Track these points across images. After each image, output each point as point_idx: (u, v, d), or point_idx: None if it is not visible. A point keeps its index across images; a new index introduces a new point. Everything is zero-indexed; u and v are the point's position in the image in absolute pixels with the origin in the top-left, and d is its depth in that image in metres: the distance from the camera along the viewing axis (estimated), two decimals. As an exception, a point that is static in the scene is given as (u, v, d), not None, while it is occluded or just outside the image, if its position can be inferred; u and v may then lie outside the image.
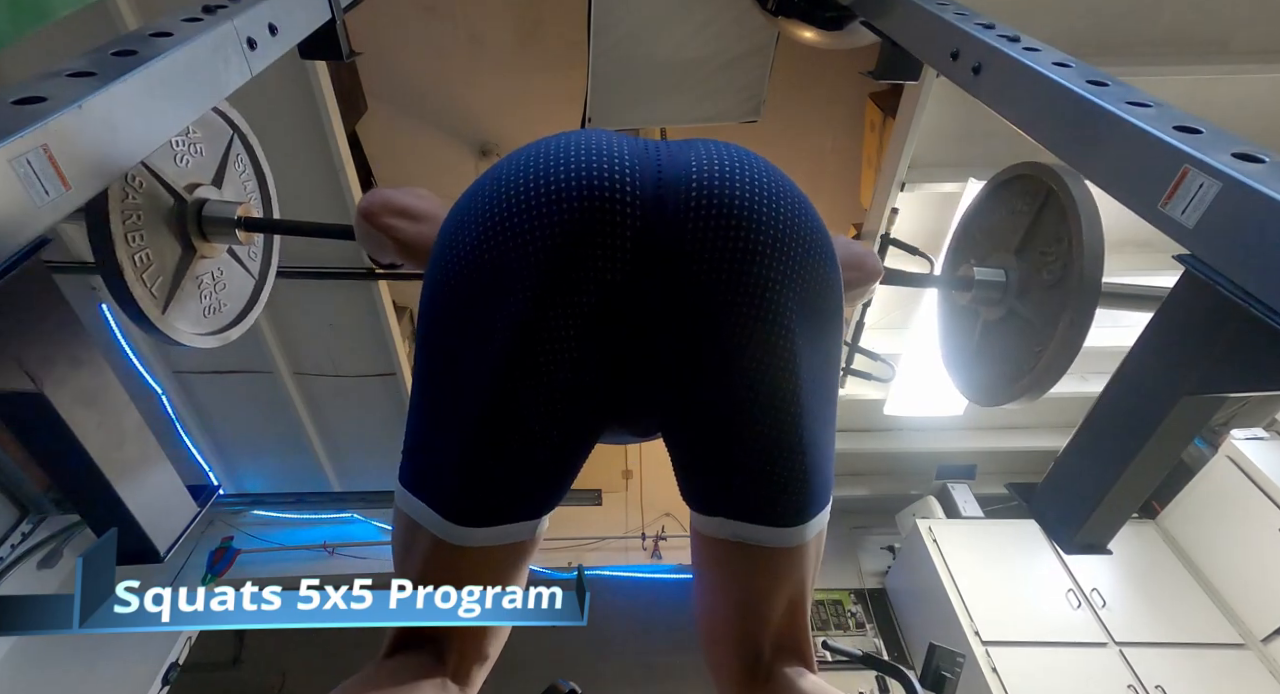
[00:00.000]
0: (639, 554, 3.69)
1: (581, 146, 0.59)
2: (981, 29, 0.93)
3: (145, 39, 0.72)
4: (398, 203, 0.92)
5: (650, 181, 0.58)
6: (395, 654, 0.67)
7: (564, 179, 0.56)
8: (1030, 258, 1.25)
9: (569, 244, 0.56)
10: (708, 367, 0.60)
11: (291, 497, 3.68)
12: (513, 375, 0.58)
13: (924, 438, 3.32)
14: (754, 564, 0.67)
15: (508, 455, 0.61)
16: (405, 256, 0.95)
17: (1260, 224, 0.54)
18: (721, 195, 0.57)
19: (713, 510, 0.68)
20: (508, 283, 0.57)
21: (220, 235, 1.23)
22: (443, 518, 0.63)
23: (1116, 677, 2.52)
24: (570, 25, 2.70)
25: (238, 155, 1.34)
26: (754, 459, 0.62)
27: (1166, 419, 0.72)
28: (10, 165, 0.52)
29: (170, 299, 1.17)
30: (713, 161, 0.59)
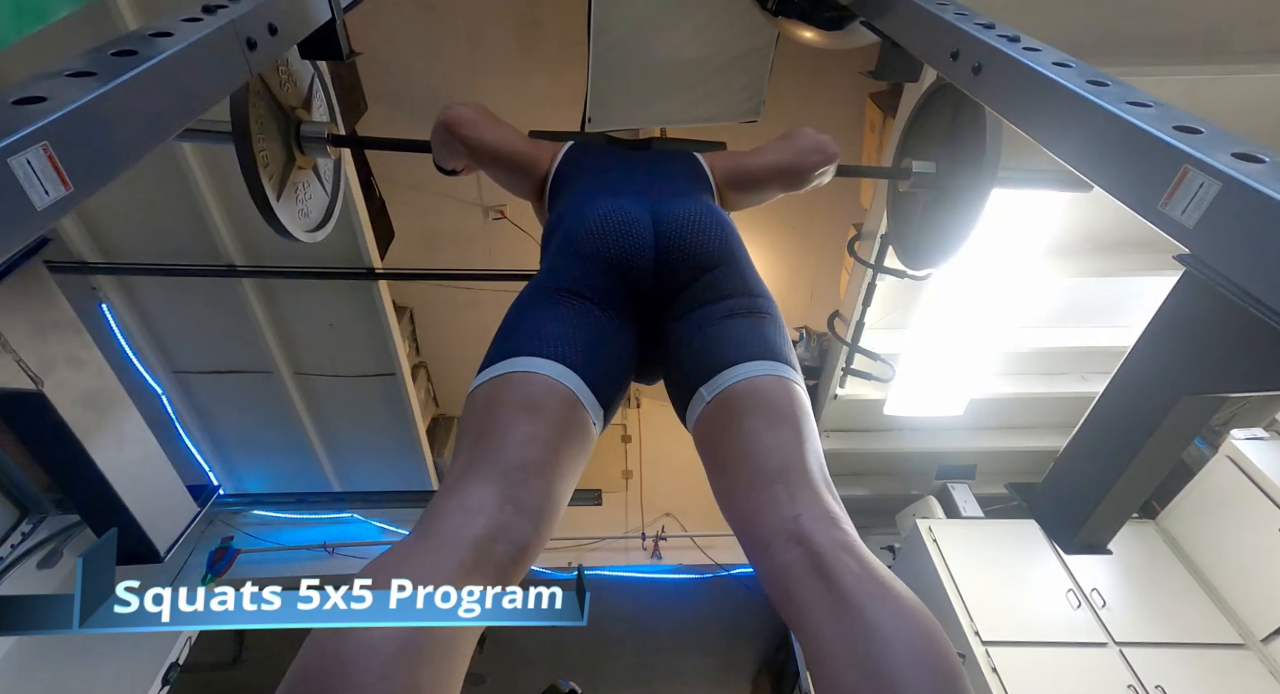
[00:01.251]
0: (639, 554, 3.69)
1: (627, 219, 0.99)
2: (981, 29, 0.93)
3: (145, 39, 0.72)
4: (470, 116, 1.21)
5: (653, 232, 0.99)
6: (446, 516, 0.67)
7: (624, 238, 0.98)
8: (953, 150, 1.56)
9: (627, 265, 0.98)
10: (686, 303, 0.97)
11: (291, 497, 3.68)
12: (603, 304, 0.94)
13: (924, 438, 3.33)
14: (743, 407, 0.82)
15: (601, 329, 0.91)
16: (473, 159, 1.25)
17: (1260, 224, 0.54)
18: (678, 234, 1.00)
19: (694, 389, 0.87)
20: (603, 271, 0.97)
21: (313, 149, 1.46)
22: (551, 361, 0.82)
23: (1116, 677, 2.52)
24: (570, 25, 2.70)
25: (318, 91, 1.58)
26: (713, 330, 0.92)
27: (1166, 419, 0.72)
28: (10, 165, 0.52)
29: (280, 194, 1.40)
30: (674, 217, 1.00)
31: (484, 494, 0.68)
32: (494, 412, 0.78)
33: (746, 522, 0.73)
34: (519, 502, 0.69)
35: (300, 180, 1.51)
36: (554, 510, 0.74)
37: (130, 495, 0.95)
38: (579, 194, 1.10)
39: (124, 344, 2.82)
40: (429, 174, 1.39)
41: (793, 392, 0.84)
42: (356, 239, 2.60)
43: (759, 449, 0.76)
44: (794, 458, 0.75)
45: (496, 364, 0.83)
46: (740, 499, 0.75)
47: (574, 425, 0.80)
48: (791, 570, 0.64)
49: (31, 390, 0.77)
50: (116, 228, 2.52)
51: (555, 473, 0.75)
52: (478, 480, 0.70)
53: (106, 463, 0.90)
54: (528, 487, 0.71)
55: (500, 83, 2.97)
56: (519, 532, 0.68)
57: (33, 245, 0.65)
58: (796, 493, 0.71)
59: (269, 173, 1.35)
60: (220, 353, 3.00)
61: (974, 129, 1.47)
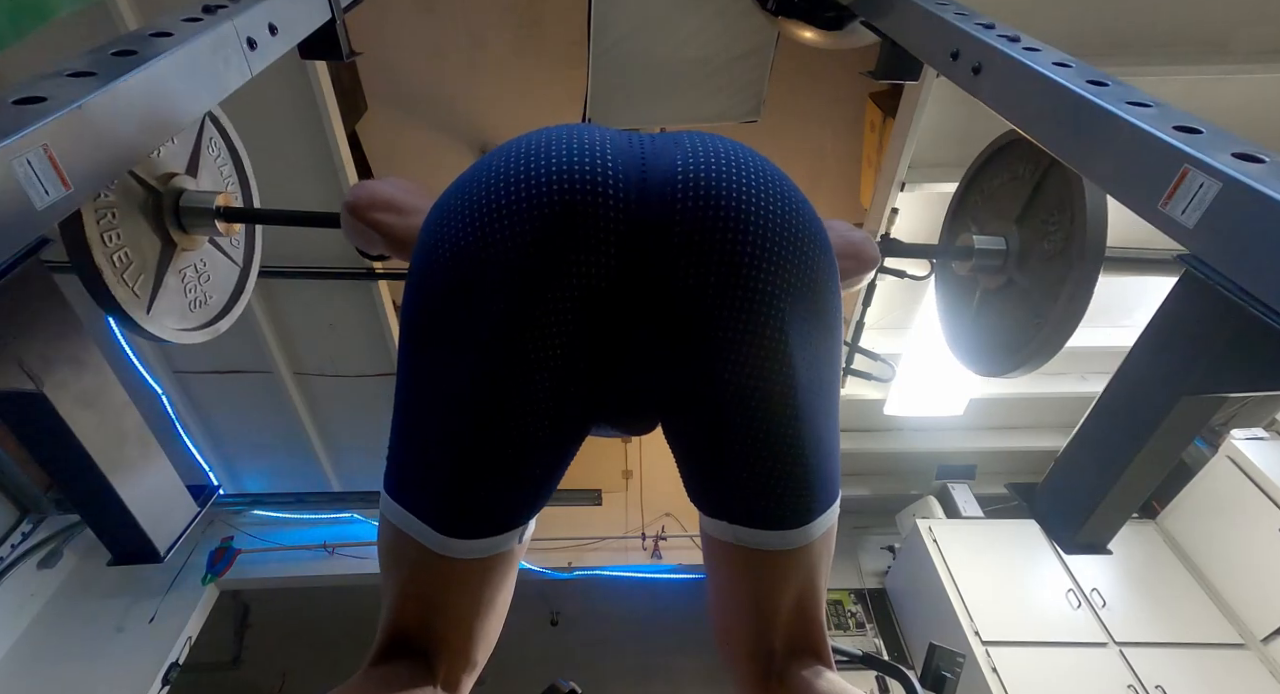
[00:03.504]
0: (639, 554, 3.69)
1: (563, 141, 0.57)
2: (981, 29, 0.93)
3: (145, 39, 0.72)
4: (383, 196, 0.92)
5: (634, 177, 0.56)
6: (382, 662, 0.66)
7: (543, 176, 0.54)
8: (1031, 226, 1.23)
9: (549, 243, 0.54)
10: (697, 364, 0.58)
11: (291, 497, 3.68)
12: (499, 375, 0.56)
13: (924, 438, 3.32)
14: (760, 566, 0.67)
15: (497, 458, 0.59)
16: (393, 250, 0.94)
17: (1260, 224, 0.54)
18: (709, 191, 0.55)
19: (716, 513, 0.67)
20: (491, 282, 0.55)
21: (200, 227, 1.17)
22: (431, 529, 0.62)
23: (1116, 677, 2.52)
24: (570, 25, 2.70)
25: (211, 139, 1.27)
26: (750, 458, 0.61)
27: (1166, 419, 0.72)
28: (10, 165, 0.52)
29: (154, 297, 1.12)
30: (700, 155, 0.57)
31: (417, 647, 0.67)
32: (400, 574, 0.66)
33: (734, 659, 0.73)
34: (454, 658, 0.68)
35: (189, 263, 1.21)
36: (489, 642, 0.73)
37: (130, 495, 0.95)
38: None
39: (124, 344, 2.82)
40: (430, 177, 1.38)
41: (822, 545, 0.67)
42: (356, 239, 2.60)
43: (761, 603, 0.69)
44: (795, 610, 0.69)
45: (403, 510, 0.63)
46: (729, 636, 0.73)
47: (502, 570, 0.68)
48: None
49: (31, 390, 0.76)
50: (116, 228, 2.52)
51: (485, 621, 0.70)
52: (410, 632, 0.67)
53: (106, 463, 0.90)
54: (458, 645, 0.68)
55: (500, 83, 2.97)
56: (455, 679, 0.69)
57: (33, 245, 0.65)
58: (789, 642, 0.70)
59: (132, 274, 1.06)
60: (220, 353, 3.00)
61: (1065, 196, 1.12)
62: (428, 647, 0.67)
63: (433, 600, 0.67)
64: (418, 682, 0.64)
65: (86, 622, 3.23)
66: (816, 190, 3.63)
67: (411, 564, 0.65)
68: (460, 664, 0.69)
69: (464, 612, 0.67)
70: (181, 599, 3.32)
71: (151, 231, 1.11)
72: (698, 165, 0.57)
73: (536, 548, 3.65)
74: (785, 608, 0.69)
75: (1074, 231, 1.08)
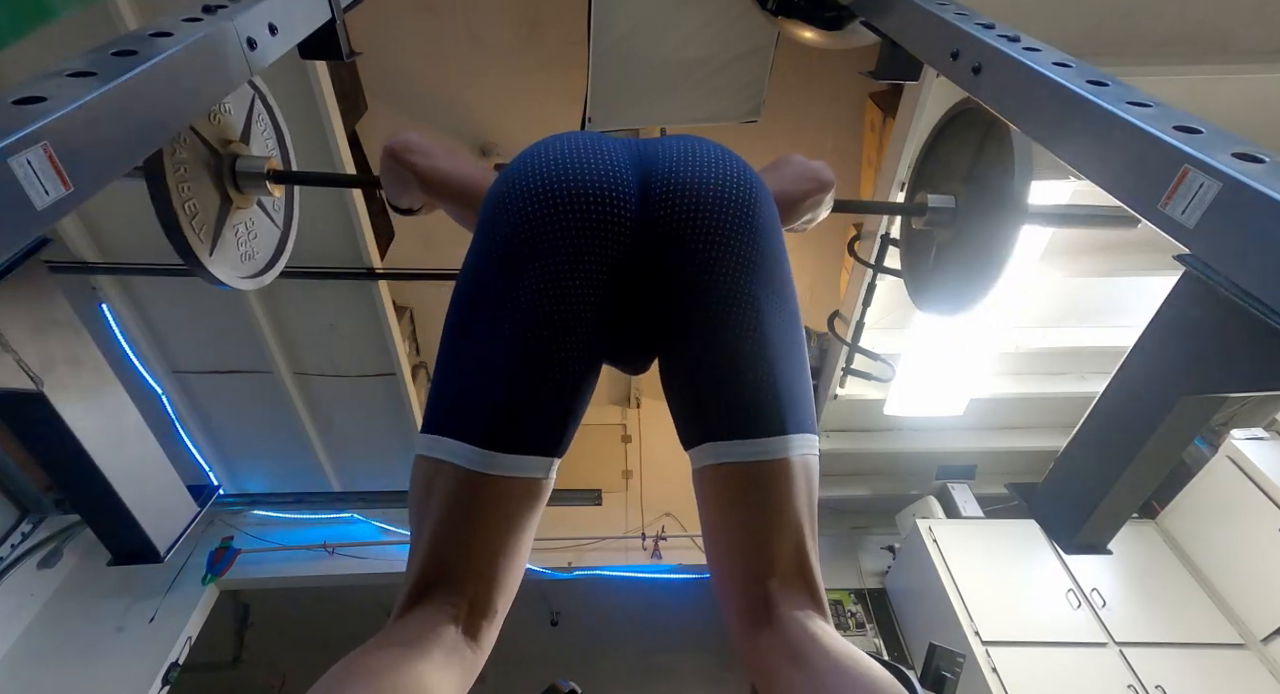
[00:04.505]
0: (639, 554, 3.69)
1: (591, 152, 0.78)
2: (981, 29, 0.93)
3: (145, 39, 0.72)
4: (415, 143, 1.11)
5: (637, 180, 0.78)
6: (406, 614, 0.69)
7: (582, 182, 0.76)
8: (975, 184, 1.41)
9: (588, 231, 0.75)
10: (683, 305, 0.77)
11: (291, 497, 3.68)
12: (545, 315, 0.74)
13: (924, 438, 3.32)
14: (742, 488, 0.74)
15: (534, 377, 0.73)
16: (423, 188, 1.12)
17: (1260, 224, 0.54)
18: (680, 184, 0.77)
19: (701, 439, 0.76)
20: (545, 252, 0.75)
21: (252, 187, 1.33)
22: (471, 445, 0.71)
23: (1116, 677, 2.52)
24: (570, 25, 2.70)
25: (260, 115, 1.45)
26: (727, 371, 0.75)
27: (1166, 419, 0.72)
28: (10, 165, 0.52)
29: (215, 245, 1.28)
30: (674, 164, 0.79)
31: (443, 595, 0.70)
32: (433, 507, 0.73)
33: (729, 601, 0.74)
34: (474, 601, 0.71)
35: (241, 221, 1.38)
36: (509, 592, 0.76)
37: (130, 495, 0.95)
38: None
39: (124, 344, 2.82)
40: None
41: (812, 470, 0.76)
42: (356, 239, 2.60)
43: (750, 537, 0.74)
44: (785, 548, 0.73)
45: (436, 437, 0.73)
46: (724, 578, 0.75)
47: (527, 503, 0.75)
48: (772, 655, 0.67)
49: (31, 390, 0.76)
50: (116, 228, 2.52)
51: (509, 563, 0.75)
52: (435, 579, 0.71)
53: (106, 463, 0.90)
54: (481, 588, 0.72)
55: (500, 83, 2.97)
56: (476, 627, 0.71)
57: (33, 245, 0.65)
58: (783, 592, 0.71)
59: (199, 224, 1.23)
60: (220, 353, 3.00)
61: (999, 158, 1.31)
62: (452, 592, 0.70)
63: (462, 533, 0.72)
64: (440, 631, 0.67)
65: (86, 622, 3.22)
66: (816, 190, 3.63)
67: (446, 495, 0.72)
68: (482, 608, 0.72)
69: (491, 546, 0.73)
70: (181, 599, 3.32)
71: (214, 189, 1.28)
72: (671, 166, 0.79)
73: (537, 548, 3.64)
74: (775, 541, 0.73)
75: (1008, 185, 1.26)
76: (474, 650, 0.71)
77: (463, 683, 0.68)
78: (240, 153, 1.32)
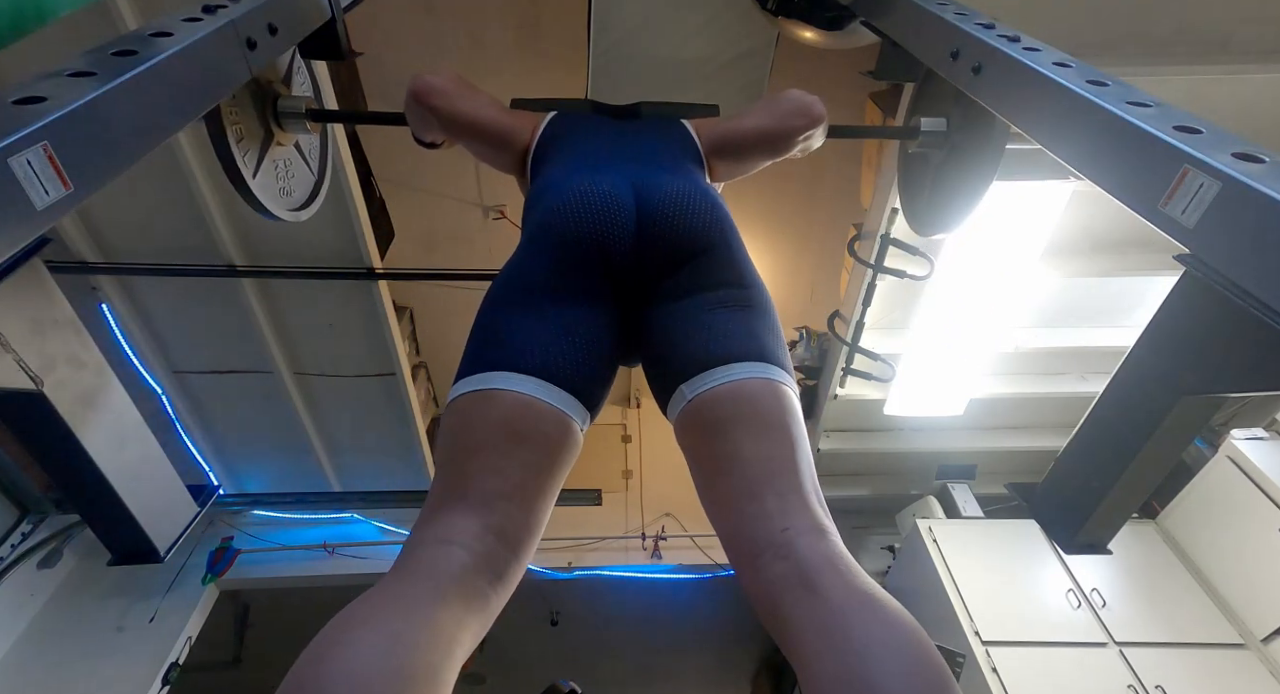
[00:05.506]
0: (639, 554, 3.68)
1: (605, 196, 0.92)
2: (981, 29, 0.93)
3: (145, 39, 0.72)
4: (438, 86, 1.16)
5: (634, 210, 0.92)
6: (428, 528, 0.68)
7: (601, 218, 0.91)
8: (964, 106, 1.47)
9: (606, 245, 0.90)
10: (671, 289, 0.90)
11: (291, 497, 3.68)
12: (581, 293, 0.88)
13: (924, 438, 3.32)
14: (720, 415, 0.77)
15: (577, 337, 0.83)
16: (444, 128, 1.18)
17: (1260, 224, 0.54)
18: (663, 213, 0.92)
19: (675, 383, 0.82)
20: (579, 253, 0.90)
21: (292, 124, 1.41)
22: (526, 374, 0.78)
23: (1116, 677, 2.52)
24: (570, 25, 2.70)
25: (300, 66, 1.55)
26: (686, 326, 0.86)
27: (1166, 419, 0.72)
28: (10, 165, 0.52)
29: (257, 171, 1.35)
30: (660, 194, 0.93)
31: (464, 525, 0.68)
32: (474, 433, 0.75)
33: (733, 533, 0.71)
34: (500, 531, 0.69)
35: (281, 157, 1.47)
36: (535, 534, 0.75)
37: (130, 495, 0.95)
38: (557, 168, 1.04)
39: (124, 344, 2.82)
40: (429, 174, 1.39)
41: (782, 395, 0.79)
42: (356, 239, 2.60)
43: (745, 458, 0.73)
44: (782, 468, 0.72)
45: (476, 375, 0.79)
46: (726, 510, 0.73)
47: (558, 442, 0.78)
48: (778, 585, 0.63)
49: (31, 390, 0.77)
50: (116, 228, 2.52)
51: (538, 496, 0.75)
52: (457, 509, 0.69)
53: (106, 463, 0.90)
54: (509, 516, 0.71)
55: (500, 83, 2.96)
56: (500, 561, 0.69)
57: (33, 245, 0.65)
58: (785, 505, 0.69)
59: (243, 148, 1.31)
60: (220, 353, 3.00)
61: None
62: (484, 509, 0.70)
63: (506, 450, 0.74)
64: (460, 556, 0.65)
65: (86, 622, 3.22)
66: (817, 190, 3.63)
67: (493, 418, 0.76)
68: (510, 540, 0.70)
69: (530, 468, 0.74)
70: (181, 599, 3.32)
71: (257, 120, 1.35)
72: (654, 199, 0.93)
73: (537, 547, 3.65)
74: (771, 464, 0.72)
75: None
76: (495, 588, 0.67)
77: (482, 626, 0.65)
78: (281, 92, 1.42)
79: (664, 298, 0.90)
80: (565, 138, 1.13)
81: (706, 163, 1.14)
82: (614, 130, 1.16)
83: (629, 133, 1.15)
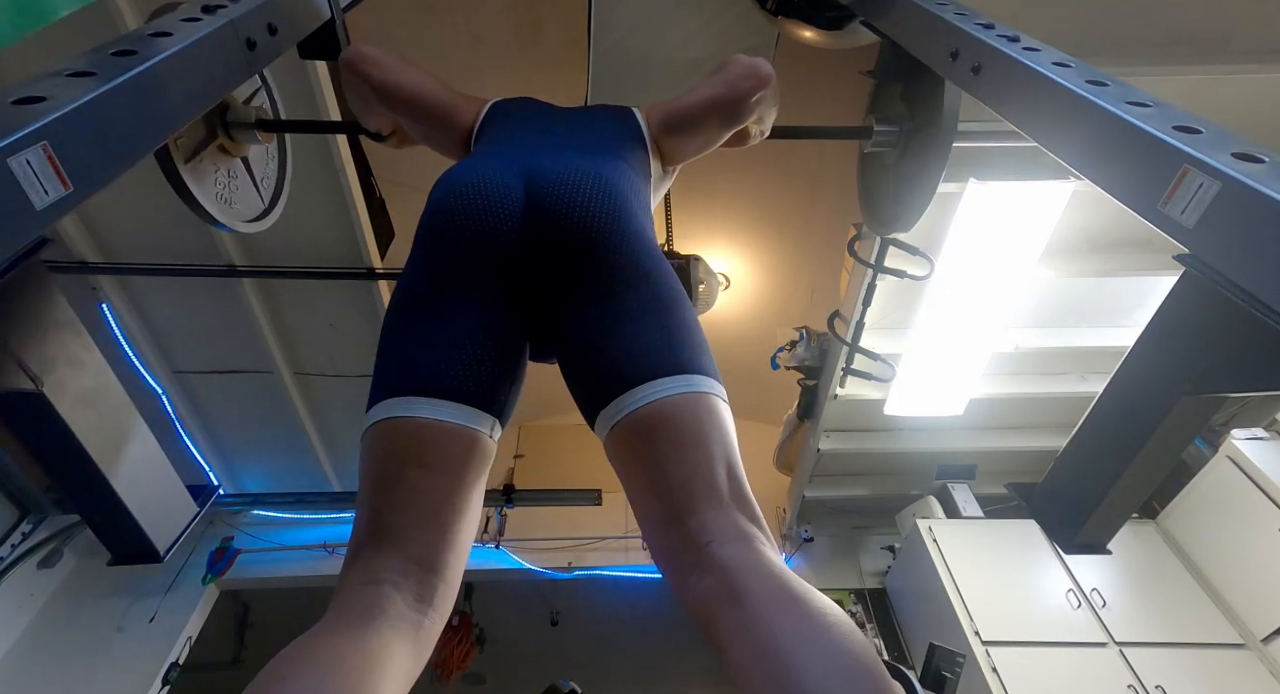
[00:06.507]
0: (639, 554, 3.69)
1: (485, 185, 0.86)
2: (981, 29, 0.93)
3: (145, 39, 0.72)
4: (373, 55, 1.11)
5: (522, 199, 0.86)
6: (347, 581, 0.69)
7: (480, 209, 0.85)
8: (914, 106, 1.56)
9: (490, 240, 0.85)
10: (577, 293, 0.85)
11: (291, 496, 3.68)
12: (468, 295, 0.84)
13: (924, 438, 3.32)
14: (637, 439, 0.76)
15: (449, 336, 0.81)
16: (384, 105, 1.12)
17: (1260, 224, 0.54)
18: (549, 198, 0.86)
19: (602, 402, 0.79)
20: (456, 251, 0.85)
21: (241, 132, 1.41)
22: (417, 396, 0.76)
23: (1116, 677, 2.52)
24: (570, 25, 2.70)
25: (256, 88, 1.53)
26: (589, 346, 0.82)
27: (1166, 419, 0.72)
28: (10, 165, 0.52)
29: (189, 161, 1.32)
30: (550, 177, 0.87)
31: (385, 563, 0.69)
32: (379, 467, 0.75)
33: (661, 555, 0.73)
34: (421, 560, 0.71)
35: (223, 166, 1.45)
36: (460, 551, 0.76)
37: (130, 495, 0.95)
38: (472, 154, 1.00)
39: (124, 344, 2.82)
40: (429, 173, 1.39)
41: (698, 407, 0.77)
42: (356, 239, 2.60)
43: (666, 481, 0.73)
44: (701, 483, 0.72)
45: (378, 404, 0.78)
46: (652, 531, 0.74)
47: (463, 458, 0.77)
48: (706, 599, 0.64)
49: (31, 390, 0.77)
50: (116, 228, 2.52)
51: (453, 516, 0.75)
52: (378, 548, 0.71)
53: (106, 463, 0.90)
54: (427, 543, 0.72)
55: (500, 82, 2.97)
56: (426, 586, 0.70)
57: (33, 245, 0.65)
58: (705, 520, 0.69)
59: (182, 145, 1.30)
60: (220, 353, 3.00)
61: (933, 85, 1.45)
62: (396, 545, 0.70)
63: (406, 480, 0.73)
64: (385, 592, 0.67)
65: (86, 622, 3.22)
66: (817, 189, 3.63)
67: (387, 450, 0.75)
68: (431, 563, 0.71)
69: (437, 493, 0.74)
70: (181, 599, 3.32)
71: (201, 122, 1.35)
72: (547, 182, 0.87)
73: (536, 548, 3.65)
74: (686, 480, 0.72)
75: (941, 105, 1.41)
76: (426, 614, 0.69)
77: (419, 650, 0.67)
78: (232, 103, 1.40)
79: (570, 304, 0.85)
80: (497, 123, 1.10)
81: (656, 145, 1.10)
82: (551, 117, 1.12)
83: (566, 120, 1.10)
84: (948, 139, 1.42)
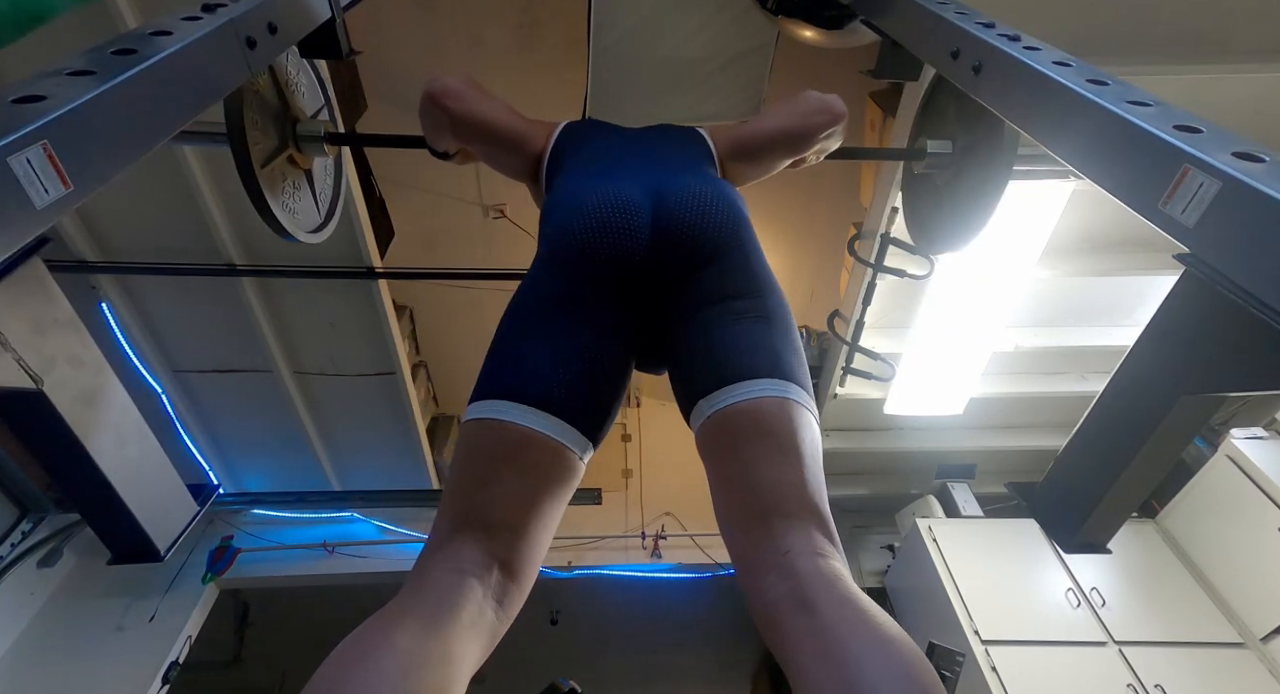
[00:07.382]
0: (639, 553, 3.69)
1: (619, 205, 0.91)
2: (981, 28, 0.93)
3: (145, 38, 0.72)
4: (455, 88, 1.16)
5: (650, 214, 0.92)
6: (433, 559, 0.71)
7: (616, 228, 0.90)
8: (969, 126, 1.51)
9: (621, 256, 0.90)
10: (691, 299, 0.91)
11: (291, 496, 3.68)
12: (590, 314, 0.88)
13: (924, 437, 3.32)
14: (732, 432, 0.79)
15: (581, 364, 0.84)
16: (456, 135, 1.18)
17: (1260, 224, 0.54)
18: (678, 215, 0.92)
19: (698, 395, 0.83)
20: (592, 266, 0.90)
21: (309, 146, 1.46)
22: (524, 404, 0.79)
23: (1116, 676, 2.52)
24: (570, 25, 2.70)
25: (317, 91, 1.63)
26: (706, 339, 0.86)
27: (1166, 419, 0.72)
28: (10, 165, 0.52)
29: (263, 164, 1.36)
30: (675, 195, 0.93)
31: (472, 554, 0.71)
32: (482, 461, 0.78)
33: (740, 552, 0.74)
34: (504, 562, 0.73)
35: (289, 178, 1.50)
36: (535, 564, 0.78)
37: (130, 495, 0.95)
38: (571, 177, 1.04)
39: (124, 344, 2.82)
40: (429, 173, 1.39)
41: (796, 416, 0.79)
42: (356, 238, 2.60)
43: (755, 481, 0.75)
44: (790, 492, 0.74)
45: (486, 401, 0.81)
46: (735, 530, 0.76)
47: (560, 475, 0.80)
48: (779, 605, 0.66)
49: (31, 390, 0.77)
50: (116, 228, 2.52)
51: (537, 527, 0.77)
52: (466, 538, 0.73)
53: (106, 463, 0.90)
54: (511, 548, 0.74)
55: (500, 82, 2.96)
56: (503, 590, 0.72)
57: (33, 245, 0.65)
58: (789, 528, 0.71)
59: (257, 152, 1.34)
60: (220, 353, 3.00)
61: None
62: (484, 540, 0.72)
63: (502, 482, 0.76)
64: (467, 583, 0.68)
65: (86, 621, 3.22)
66: (817, 189, 3.63)
67: (492, 448, 0.78)
68: (511, 569, 0.73)
69: (527, 500, 0.76)
70: (181, 598, 3.32)
71: (275, 134, 1.42)
72: (672, 201, 0.92)
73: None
74: (777, 482, 0.74)
75: (998, 125, 1.39)
76: (499, 616, 0.70)
77: (486, 649, 0.68)
78: (301, 117, 1.48)
79: (684, 308, 0.90)
80: (580, 144, 1.13)
81: (721, 166, 1.14)
82: (628, 136, 1.16)
83: (643, 138, 1.15)
84: (1008, 159, 1.39)
